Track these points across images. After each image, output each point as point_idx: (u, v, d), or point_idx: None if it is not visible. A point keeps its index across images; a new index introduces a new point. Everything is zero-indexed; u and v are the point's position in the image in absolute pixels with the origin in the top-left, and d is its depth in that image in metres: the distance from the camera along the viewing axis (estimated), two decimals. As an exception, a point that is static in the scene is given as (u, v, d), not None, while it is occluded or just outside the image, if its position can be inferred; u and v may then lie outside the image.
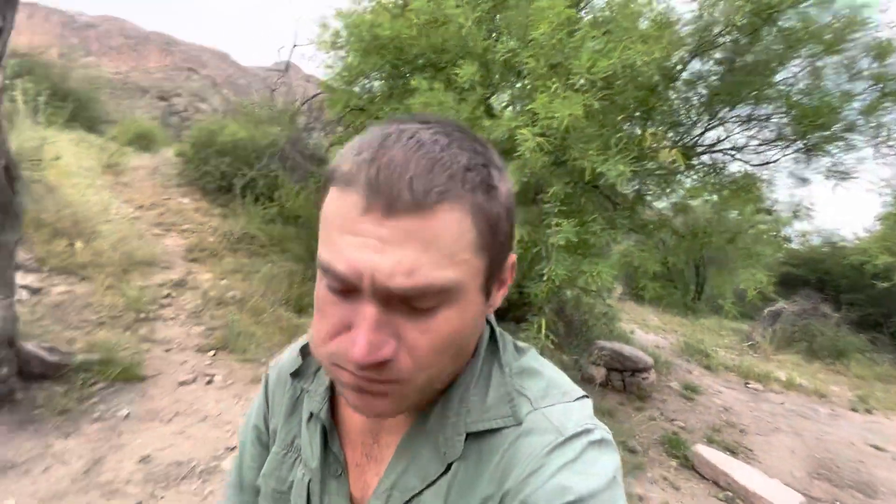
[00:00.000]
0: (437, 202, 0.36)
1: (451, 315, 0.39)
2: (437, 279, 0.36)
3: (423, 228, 0.36)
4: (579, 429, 0.43)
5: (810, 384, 6.16)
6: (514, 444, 0.44)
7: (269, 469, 0.56)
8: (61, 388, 2.62)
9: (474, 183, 0.38)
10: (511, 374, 0.49)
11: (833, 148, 3.08)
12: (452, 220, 0.37)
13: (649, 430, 3.74)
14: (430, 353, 0.39)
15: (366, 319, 0.37)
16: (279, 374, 0.61)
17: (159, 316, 4.14)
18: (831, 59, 3.15)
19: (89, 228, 5.03)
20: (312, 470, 0.52)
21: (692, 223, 3.66)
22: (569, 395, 0.48)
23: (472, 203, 0.38)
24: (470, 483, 0.44)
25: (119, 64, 26.31)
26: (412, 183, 0.35)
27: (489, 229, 0.40)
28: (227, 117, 8.91)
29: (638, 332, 8.28)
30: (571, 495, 0.38)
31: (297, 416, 0.57)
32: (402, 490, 0.46)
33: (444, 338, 0.39)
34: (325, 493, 0.52)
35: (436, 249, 0.36)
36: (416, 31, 3.51)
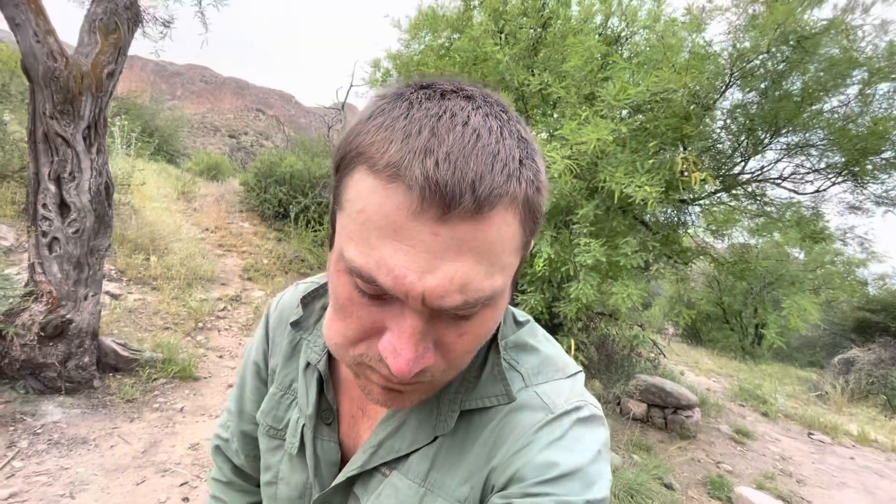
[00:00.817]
0: (495, 205, 0.32)
1: (488, 315, 0.38)
2: (487, 289, 0.34)
3: (477, 237, 0.32)
4: (569, 406, 0.44)
5: (888, 441, 5.52)
6: (504, 420, 0.44)
7: (267, 407, 0.57)
8: (130, 380, 2.93)
9: (528, 180, 0.35)
10: (506, 347, 0.49)
11: (884, 175, 2.95)
12: (504, 224, 0.34)
13: (691, 470, 3.52)
14: (464, 354, 0.39)
15: (411, 333, 0.35)
16: (280, 316, 0.61)
17: (215, 326, 4.50)
18: (884, 85, 3.08)
19: (163, 246, 5.62)
20: (307, 416, 0.53)
21: (736, 252, 3.57)
22: (562, 371, 0.48)
23: (524, 200, 0.35)
24: (457, 454, 0.45)
25: (199, 106, 29.29)
26: (475, 184, 0.31)
27: (533, 226, 0.38)
28: (287, 151, 9.70)
29: (688, 373, 7.82)
30: (558, 470, 0.40)
31: (294, 361, 0.58)
32: (388, 450, 0.47)
33: (479, 338, 0.39)
34: (317, 438, 0.53)
35: (487, 259, 0.34)
36: (458, 69, 3.79)
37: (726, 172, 3.51)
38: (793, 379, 9.02)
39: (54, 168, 2.55)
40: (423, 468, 0.45)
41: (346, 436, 0.53)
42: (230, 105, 30.49)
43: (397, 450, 0.47)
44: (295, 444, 0.54)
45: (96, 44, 2.64)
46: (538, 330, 0.53)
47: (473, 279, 0.33)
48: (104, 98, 2.71)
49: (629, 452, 3.53)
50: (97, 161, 2.70)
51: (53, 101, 2.46)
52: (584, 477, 0.40)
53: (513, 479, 0.41)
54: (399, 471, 0.47)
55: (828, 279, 3.65)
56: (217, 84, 31.23)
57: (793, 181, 3.56)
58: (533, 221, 0.37)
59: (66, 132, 2.53)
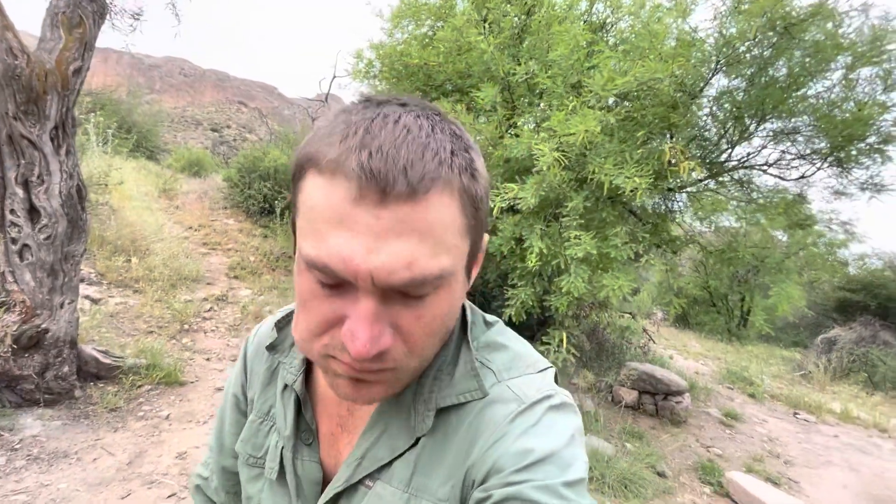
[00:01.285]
0: (430, 189, 0.36)
1: (442, 299, 0.40)
2: (434, 268, 0.37)
3: (417, 217, 0.35)
4: (540, 395, 0.45)
5: (870, 417, 5.67)
6: (479, 416, 0.45)
7: (246, 436, 0.58)
8: (113, 388, 2.85)
9: (461, 167, 0.38)
10: (478, 347, 0.50)
11: (868, 160, 2.97)
12: (443, 206, 0.37)
13: (682, 456, 3.57)
14: (424, 338, 0.40)
15: (365, 314, 0.37)
16: (257, 346, 0.62)
17: (201, 328, 4.41)
18: (865, 70, 3.08)
19: (144, 247, 5.47)
20: (285, 438, 0.53)
21: (724, 240, 3.58)
22: (532, 366, 0.49)
23: (460, 187, 0.38)
24: (438, 454, 0.46)
25: (178, 99, 28.60)
26: (406, 170, 0.34)
27: (474, 212, 0.41)
28: (271, 145, 9.50)
29: (677, 357, 7.93)
30: (534, 455, 0.40)
31: (273, 387, 0.58)
32: (371, 460, 0.48)
33: (437, 321, 0.40)
34: (296, 460, 0.53)
35: (431, 238, 0.36)
36: (442, 58, 3.71)
37: (713, 160, 3.50)
38: (777, 359, 9.22)
39: (21, 172, 2.43)
40: (406, 474, 0.46)
41: (326, 455, 0.53)
42: (211, 98, 29.88)
43: (381, 458, 0.47)
44: (275, 468, 0.53)
45: (60, 39, 2.51)
46: (507, 330, 0.54)
47: (419, 258, 0.36)
48: (71, 96, 2.58)
49: (622, 441, 3.56)
50: (67, 163, 2.58)
51: (16, 101, 2.34)
52: (560, 460, 0.41)
53: (491, 471, 0.42)
54: (382, 480, 0.47)
55: (810, 261, 3.69)
56: (197, 77, 30.52)
57: (778, 167, 3.58)
58: (474, 207, 0.40)
59: (31, 134, 2.41)
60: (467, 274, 0.44)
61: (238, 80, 30.62)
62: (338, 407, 0.53)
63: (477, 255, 0.46)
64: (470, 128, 2.98)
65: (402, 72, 4.25)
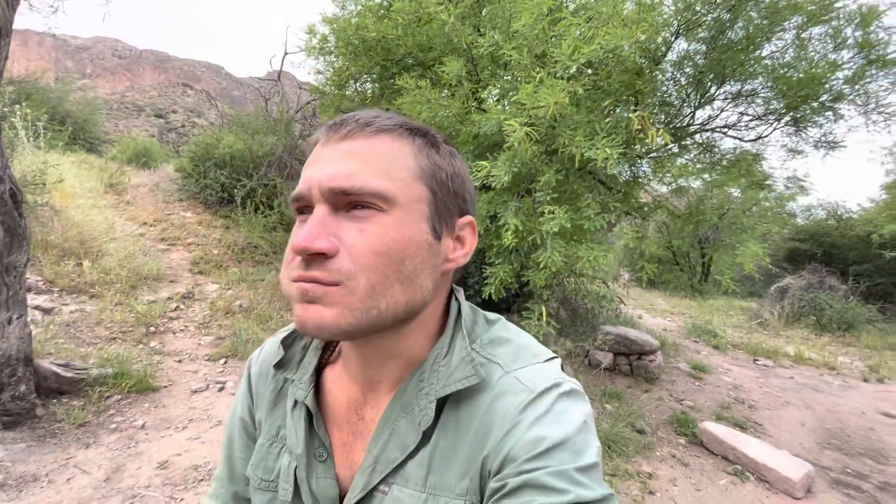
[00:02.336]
0: (381, 131, 0.46)
1: (388, 222, 0.44)
2: (373, 185, 0.43)
3: (365, 149, 0.45)
4: (549, 384, 0.46)
5: (820, 357, 6.15)
6: (490, 408, 0.46)
7: (256, 460, 0.57)
8: (79, 402, 2.70)
9: (416, 134, 0.48)
10: (482, 345, 0.51)
11: (821, 119, 3.09)
12: (392, 146, 0.46)
13: (658, 411, 3.76)
14: (367, 254, 0.42)
15: (313, 217, 0.44)
16: (261, 367, 0.62)
17: (169, 329, 4.22)
18: (816, 29, 3.16)
19: (96, 248, 5.13)
20: (297, 456, 0.53)
21: (689, 203, 3.68)
22: (538, 356, 0.50)
23: (413, 143, 0.47)
24: (451, 451, 0.46)
25: (115, 84, 26.53)
26: (362, 120, 0.46)
27: (430, 170, 0.47)
28: (224, 130, 8.99)
29: (646, 316, 8.29)
30: (546, 443, 0.41)
31: (281, 407, 0.58)
32: (385, 463, 0.48)
33: (379, 241, 0.43)
34: (311, 478, 0.52)
35: (376, 164, 0.44)
36: (401, 31, 3.54)
37: (676, 125, 3.55)
38: (737, 310, 9.80)
39: (-58, 178, 2.18)
40: (421, 474, 0.46)
41: (340, 467, 0.53)
42: (152, 80, 27.87)
43: (393, 459, 0.48)
44: (289, 489, 0.53)
45: (-31, 25, 2.22)
46: (509, 325, 0.56)
47: (360, 173, 0.43)
48: (-9, 90, 2.31)
49: (602, 403, 3.71)
50: (-4, 166, 2.33)
51: (-75, 99, 2.07)
52: (573, 446, 0.42)
53: (506, 460, 0.42)
54: (398, 484, 0.47)
55: (762, 215, 3.87)
56: (133, 58, 28.33)
57: (737, 129, 3.67)
58: (429, 163, 0.47)
59: (-51, 135, 2.15)
60: (432, 228, 0.47)
61: (180, 61, 28.66)
62: (347, 414, 0.54)
63: (448, 222, 0.50)
64: (436, 104, 2.88)
65: (359, 46, 4.05)
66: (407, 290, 0.45)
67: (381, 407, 0.52)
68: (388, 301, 0.44)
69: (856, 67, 2.88)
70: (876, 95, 2.93)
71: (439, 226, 0.48)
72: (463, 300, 0.56)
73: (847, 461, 3.25)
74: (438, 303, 0.53)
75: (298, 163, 7.77)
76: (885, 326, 8.13)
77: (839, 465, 3.18)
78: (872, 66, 2.87)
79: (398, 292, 0.44)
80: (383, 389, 0.53)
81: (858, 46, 2.88)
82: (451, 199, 0.49)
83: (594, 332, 4.82)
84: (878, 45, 2.88)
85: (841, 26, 3.04)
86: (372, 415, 0.53)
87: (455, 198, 0.50)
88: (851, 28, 2.94)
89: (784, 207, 9.38)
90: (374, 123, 0.46)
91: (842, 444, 3.54)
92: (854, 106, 3.06)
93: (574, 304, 5.55)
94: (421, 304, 0.48)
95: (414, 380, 0.50)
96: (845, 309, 8.00)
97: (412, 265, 0.45)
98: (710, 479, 2.79)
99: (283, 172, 7.47)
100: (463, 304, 0.55)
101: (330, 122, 0.47)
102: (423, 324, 0.51)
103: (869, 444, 3.56)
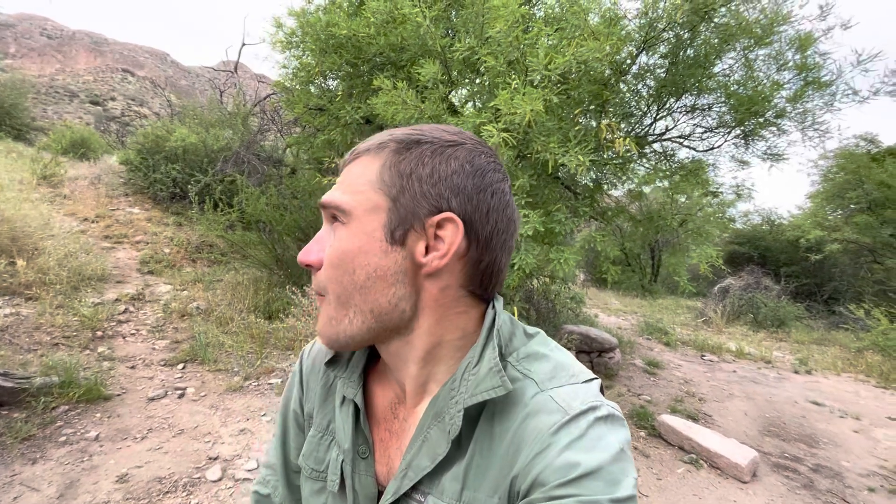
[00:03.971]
0: (363, 153, 0.51)
1: (342, 234, 0.49)
2: (335, 199, 0.49)
3: (347, 171, 0.51)
4: (585, 406, 0.44)
5: (758, 352, 6.67)
6: (522, 426, 0.45)
7: (308, 451, 0.60)
8: (21, 413, 2.48)
9: (391, 147, 0.50)
10: (518, 358, 0.50)
11: (767, 133, 3.38)
12: (364, 163, 0.50)
13: (619, 406, 3.95)
14: (327, 266, 0.49)
15: (320, 231, 0.51)
16: (313, 362, 0.65)
17: (118, 332, 3.95)
18: (762, 51, 3.43)
19: (30, 245, 4.71)
20: (345, 451, 0.55)
21: (647, 208, 3.89)
22: (576, 376, 0.49)
23: (383, 156, 0.50)
24: (485, 466, 0.46)
25: (43, 66, 24.44)
26: (362, 145, 0.52)
27: (392, 178, 0.49)
28: (175, 121, 8.50)
29: (601, 315, 8.66)
30: (579, 470, 0.40)
31: (330, 402, 0.61)
32: (416, 470, 0.48)
33: (334, 253, 0.48)
34: (354, 473, 0.54)
35: (346, 183, 0.50)
36: (373, 30, 3.51)
37: (637, 134, 3.75)
38: (684, 309, 10.44)
39: None
40: (456, 488, 0.47)
41: (380, 464, 0.55)
42: (86, 64, 25.93)
43: (424, 467, 0.48)
44: (336, 481, 0.55)
45: None
46: (549, 340, 0.55)
47: (336, 191, 0.50)
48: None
49: (567, 400, 3.84)
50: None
51: None
52: (608, 475, 0.40)
53: (535, 483, 0.41)
54: (433, 495, 0.48)
55: (706, 219, 4.19)
56: (64, 39, 26.22)
57: (691, 140, 3.93)
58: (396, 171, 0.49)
59: None
60: (390, 235, 0.48)
61: (119, 45, 26.78)
62: (384, 412, 0.56)
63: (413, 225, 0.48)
64: (412, 107, 2.89)
65: (329, 43, 3.96)
66: (367, 298, 0.48)
67: (412, 408, 0.53)
68: (353, 310, 0.48)
69: (795, 88, 3.17)
70: (812, 113, 3.24)
71: (399, 230, 0.47)
72: (500, 309, 0.53)
73: (785, 446, 3.56)
74: (445, 308, 0.50)
75: (257, 158, 7.48)
76: (810, 323, 8.94)
77: (778, 451, 3.47)
78: (809, 87, 3.16)
79: (360, 301, 0.48)
80: (410, 391, 0.54)
81: (798, 68, 3.16)
82: (418, 201, 0.48)
83: (557, 331, 4.99)
84: (814, 68, 3.18)
85: (783, 49, 3.32)
86: (405, 415, 0.54)
87: (425, 198, 0.48)
88: (791, 52, 3.22)
89: (725, 213, 10.11)
90: (362, 148, 0.51)
91: (779, 430, 3.87)
92: (794, 122, 3.36)
93: (538, 304, 5.72)
94: (394, 311, 0.48)
95: (446, 388, 0.50)
96: (778, 307, 8.73)
97: (364, 274, 0.47)
98: (669, 469, 2.97)
99: (240, 168, 7.16)
100: (500, 314, 0.53)
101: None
102: (428, 332, 0.50)
103: (802, 430, 3.92)
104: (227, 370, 3.54)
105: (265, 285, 5.13)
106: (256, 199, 5.41)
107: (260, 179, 7.03)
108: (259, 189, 5.87)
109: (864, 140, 10.31)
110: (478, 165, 0.50)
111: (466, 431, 0.48)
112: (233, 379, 3.39)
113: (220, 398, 3.12)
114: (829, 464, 3.31)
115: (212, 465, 2.33)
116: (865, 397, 5.02)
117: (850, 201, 10.31)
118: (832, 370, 6.10)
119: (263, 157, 7.69)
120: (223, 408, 2.99)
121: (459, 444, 0.48)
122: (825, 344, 7.54)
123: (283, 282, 5.17)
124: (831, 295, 10.55)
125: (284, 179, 6.43)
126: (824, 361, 6.42)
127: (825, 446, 3.63)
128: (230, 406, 3.02)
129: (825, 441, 3.72)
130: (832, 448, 3.61)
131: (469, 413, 0.48)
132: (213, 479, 2.22)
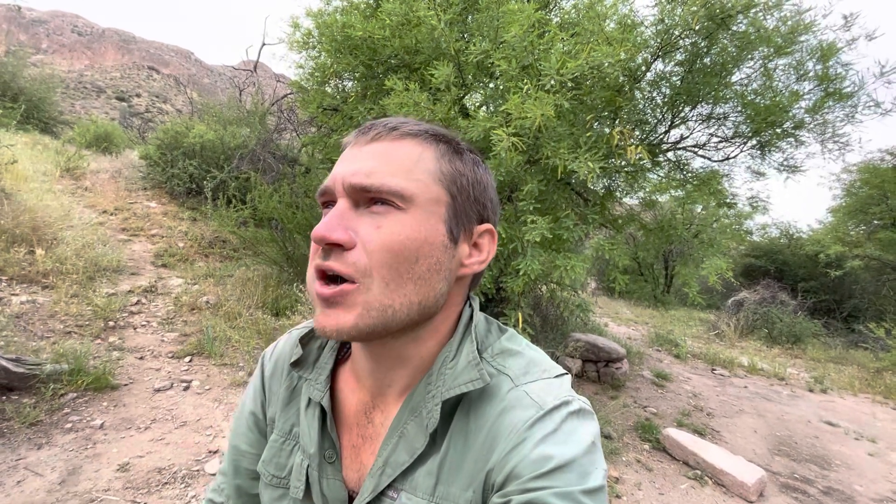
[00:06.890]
0: (406, 136, 0.48)
1: (404, 220, 0.45)
2: (391, 183, 0.45)
3: (389, 150, 0.47)
4: (558, 402, 0.46)
5: (771, 368, 6.51)
6: (497, 421, 0.46)
7: (269, 456, 0.58)
8: (30, 399, 2.53)
9: (441, 140, 0.50)
10: (493, 354, 0.52)
11: (784, 144, 3.30)
12: (415, 149, 0.48)
13: (623, 417, 3.89)
14: (381, 249, 0.43)
15: (334, 210, 0.45)
16: (276, 364, 0.63)
17: (129, 323, 4.02)
18: (781, 60, 3.36)
19: (50, 235, 4.83)
20: (311, 455, 0.54)
21: (659, 217, 3.83)
22: (548, 372, 0.50)
23: (437, 148, 0.49)
24: (459, 461, 0.46)
25: (73, 62, 25.13)
26: (389, 125, 0.48)
27: (451, 174, 0.49)
28: (194, 118, 8.66)
29: (611, 324, 8.55)
30: (553, 462, 0.41)
31: (294, 405, 0.58)
32: (394, 466, 0.48)
33: (394, 239, 0.44)
34: (322, 478, 0.53)
35: (397, 164, 0.46)
36: (388, 32, 3.53)
37: (651, 142, 3.70)
38: (696, 321, 10.25)
39: None
40: (429, 483, 0.46)
41: (349, 469, 0.53)
42: (114, 61, 26.54)
43: (402, 462, 0.48)
44: (300, 487, 0.54)
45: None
46: (520, 337, 0.56)
47: (380, 171, 0.45)
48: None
49: (570, 409, 3.79)
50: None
51: None
52: (579, 468, 0.41)
53: (510, 476, 0.42)
54: (407, 491, 0.47)
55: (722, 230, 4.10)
56: (94, 36, 26.92)
57: (706, 149, 3.86)
58: (451, 168, 0.48)
59: None
60: (449, 232, 0.48)
61: (146, 43, 27.52)
62: (357, 417, 0.54)
63: (467, 226, 0.50)
64: (424, 109, 2.89)
65: (344, 44, 4.00)
66: (420, 290, 0.46)
67: (391, 412, 0.52)
68: (402, 300, 0.45)
69: (815, 98, 3.09)
70: (832, 125, 3.16)
71: (457, 230, 0.49)
72: (477, 308, 0.56)
73: (795, 467, 3.46)
74: (453, 309, 0.53)
75: (272, 157, 7.58)
76: (828, 340, 8.70)
77: (788, 471, 3.37)
78: (830, 98, 3.08)
79: (411, 291, 0.45)
80: (392, 394, 0.53)
81: (818, 79, 3.09)
82: (470, 205, 0.50)
83: (564, 339, 4.93)
84: (835, 79, 3.10)
85: (803, 59, 3.25)
86: (381, 419, 0.53)
87: (475, 204, 0.51)
88: (813, 62, 3.15)
89: (742, 225, 9.92)
90: (400, 128, 0.48)
91: (790, 450, 3.76)
92: (812, 134, 3.28)
93: (545, 311, 5.66)
94: (434, 307, 0.48)
95: (422, 383, 0.50)
96: (794, 323, 8.51)
97: (426, 265, 0.46)
98: (672, 484, 2.91)
99: (256, 166, 7.26)
100: (476, 311, 0.55)
101: (361, 127, 0.50)
102: (436, 330, 0.51)
103: (814, 451, 3.80)
104: (232, 365, 3.58)
105: (274, 282, 5.18)
106: (269, 196, 5.47)
107: (274, 177, 7.12)
108: (272, 187, 5.94)
109: (890, 154, 10.03)
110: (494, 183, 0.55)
111: (441, 427, 0.48)
112: (237, 374, 3.42)
113: (224, 392, 3.15)
114: (840, 487, 3.20)
115: (211, 458, 2.35)
116: (883, 419, 4.86)
117: (873, 217, 10.02)
118: (849, 390, 5.92)
119: (279, 155, 7.78)
120: (226, 402, 3.02)
121: (434, 440, 0.48)
122: (842, 363, 7.32)
123: (292, 279, 5.22)
124: (850, 312, 10.26)
125: (298, 178, 6.49)
126: (841, 381, 6.23)
127: (838, 468, 3.51)
128: (233, 400, 3.04)
129: (838, 463, 3.61)
130: (845, 470, 3.49)
131: (444, 408, 0.48)
132: (212, 472, 2.24)
